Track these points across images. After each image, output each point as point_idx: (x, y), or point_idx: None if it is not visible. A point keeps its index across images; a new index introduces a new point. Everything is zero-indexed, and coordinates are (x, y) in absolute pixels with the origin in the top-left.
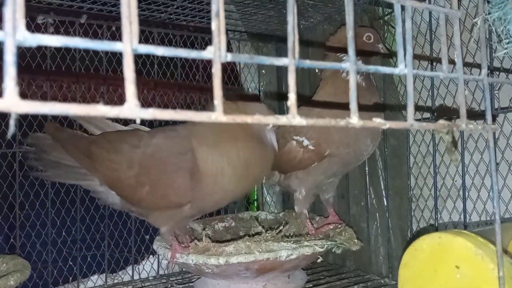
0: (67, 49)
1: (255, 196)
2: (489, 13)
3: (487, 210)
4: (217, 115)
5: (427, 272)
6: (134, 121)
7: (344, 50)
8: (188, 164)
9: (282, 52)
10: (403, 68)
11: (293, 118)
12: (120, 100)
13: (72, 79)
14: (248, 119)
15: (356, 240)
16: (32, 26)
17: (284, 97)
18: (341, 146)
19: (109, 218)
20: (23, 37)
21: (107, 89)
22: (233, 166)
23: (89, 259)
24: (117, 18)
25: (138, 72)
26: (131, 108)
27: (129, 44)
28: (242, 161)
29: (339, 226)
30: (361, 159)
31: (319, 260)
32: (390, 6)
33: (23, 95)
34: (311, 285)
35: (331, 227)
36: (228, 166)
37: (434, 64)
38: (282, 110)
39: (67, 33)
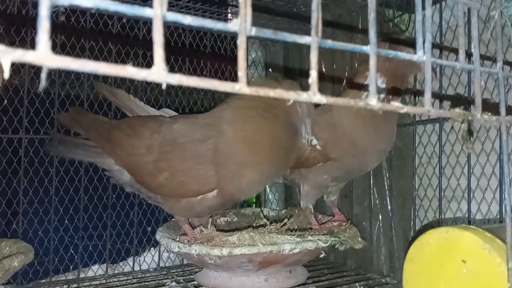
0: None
1: (253, 199)
2: (505, 8)
3: (491, 211)
4: (241, 86)
5: (433, 266)
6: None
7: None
8: (210, 150)
9: (289, 51)
10: (421, 55)
11: (314, 95)
12: None
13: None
14: (271, 92)
15: (359, 239)
16: None
17: None
18: (345, 155)
19: (111, 208)
20: None
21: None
22: (263, 149)
23: (90, 248)
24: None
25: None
26: (159, 71)
27: (159, 9)
28: (272, 146)
29: (344, 223)
30: (364, 170)
31: (322, 256)
32: (400, 8)
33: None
34: (311, 282)
35: (335, 223)
36: (257, 146)
37: (447, 54)
38: None
39: (77, 22)
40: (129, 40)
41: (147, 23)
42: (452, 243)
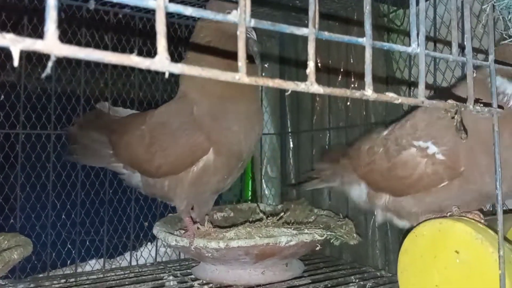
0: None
1: (249, 196)
2: (497, 1)
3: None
4: (241, 75)
5: (427, 257)
6: None
7: None
8: (190, 115)
9: (285, 46)
10: (415, 47)
11: (312, 85)
12: None
13: None
14: (269, 82)
15: (355, 235)
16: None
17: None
18: (482, 173)
19: (109, 203)
20: None
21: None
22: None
23: (87, 243)
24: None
25: None
26: (162, 60)
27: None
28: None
29: (341, 219)
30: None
31: (317, 249)
32: (395, 3)
33: None
34: (307, 275)
35: None
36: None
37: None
38: (283, 104)
39: (74, 18)
40: (125, 35)
41: (143, 18)
42: (445, 234)
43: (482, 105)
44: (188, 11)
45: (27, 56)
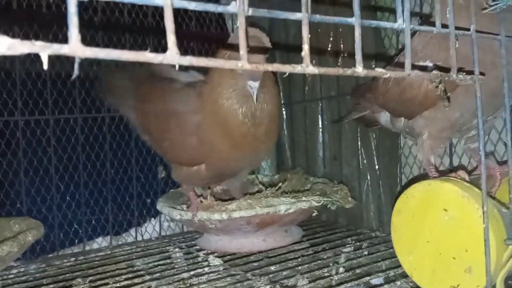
0: None
1: None
2: None
3: (472, 165)
4: (243, 63)
5: (418, 217)
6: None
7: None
8: (195, 123)
9: (275, 24)
10: (401, 23)
11: (307, 67)
12: None
13: None
14: (269, 67)
15: (350, 199)
16: None
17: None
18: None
19: (111, 182)
20: None
21: None
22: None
23: (93, 222)
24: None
25: None
26: (173, 55)
27: None
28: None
29: (336, 185)
30: None
31: (314, 214)
32: None
33: None
34: (306, 239)
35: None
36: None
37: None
38: (275, 76)
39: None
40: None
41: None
42: (435, 194)
43: (464, 73)
44: (192, 5)
45: None
